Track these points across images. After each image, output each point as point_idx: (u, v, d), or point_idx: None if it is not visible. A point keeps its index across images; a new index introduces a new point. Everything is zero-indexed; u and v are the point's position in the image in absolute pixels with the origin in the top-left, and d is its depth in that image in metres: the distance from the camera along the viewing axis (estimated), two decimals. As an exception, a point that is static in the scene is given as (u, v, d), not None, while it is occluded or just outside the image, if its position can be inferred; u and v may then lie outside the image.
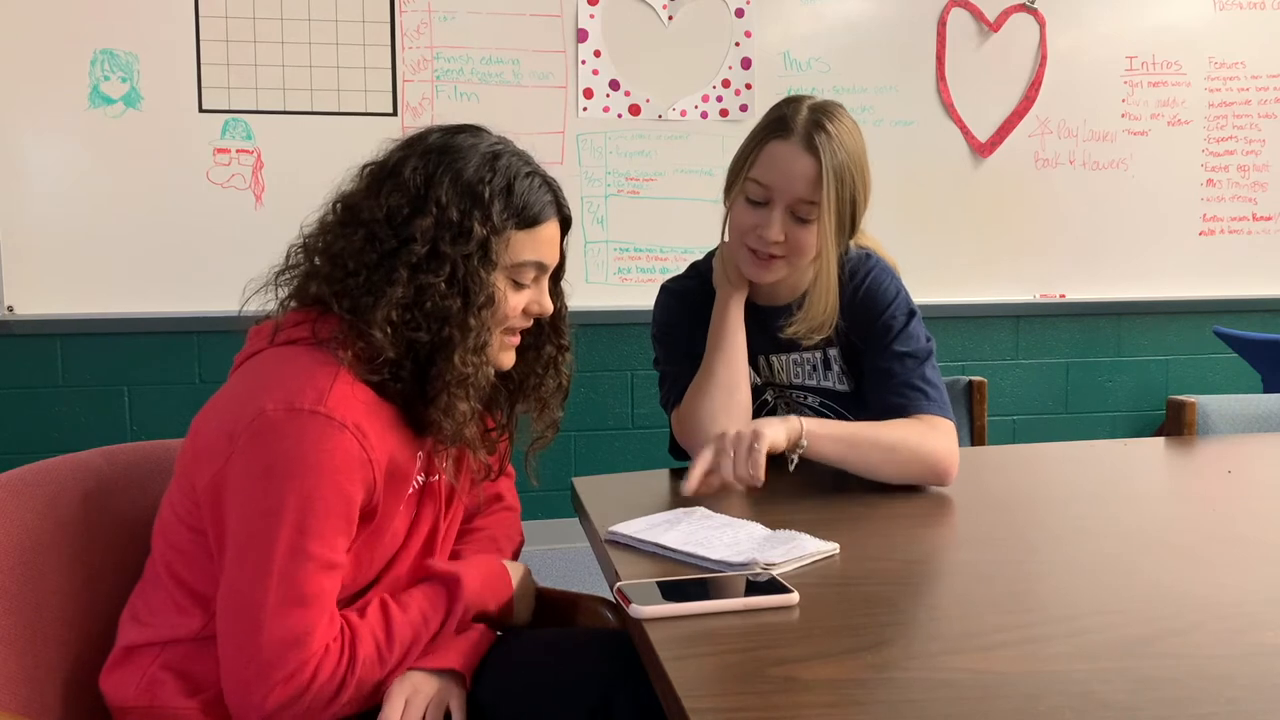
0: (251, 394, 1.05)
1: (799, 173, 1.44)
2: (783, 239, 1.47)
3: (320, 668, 1.02)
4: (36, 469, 1.17)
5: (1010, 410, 3.82)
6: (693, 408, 1.53)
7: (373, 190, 1.12)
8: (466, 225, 1.10)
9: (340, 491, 1.03)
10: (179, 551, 1.10)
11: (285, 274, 1.16)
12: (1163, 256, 3.84)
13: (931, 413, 1.49)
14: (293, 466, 1.01)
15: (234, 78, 3.17)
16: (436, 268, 1.08)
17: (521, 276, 1.16)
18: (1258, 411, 1.98)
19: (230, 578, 1.03)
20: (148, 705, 1.08)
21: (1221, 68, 3.79)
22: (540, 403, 1.29)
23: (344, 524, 1.05)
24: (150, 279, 3.15)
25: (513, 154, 1.16)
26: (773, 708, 0.80)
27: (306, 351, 1.08)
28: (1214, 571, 1.13)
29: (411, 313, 1.08)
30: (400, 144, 1.16)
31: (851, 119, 1.51)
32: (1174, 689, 0.83)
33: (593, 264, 3.44)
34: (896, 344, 1.53)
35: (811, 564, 1.13)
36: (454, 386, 1.10)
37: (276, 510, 1.00)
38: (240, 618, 1.01)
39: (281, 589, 1.00)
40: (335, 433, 1.02)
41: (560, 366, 1.30)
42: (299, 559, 1.01)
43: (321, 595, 1.03)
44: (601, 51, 3.39)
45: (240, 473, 1.02)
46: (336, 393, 1.04)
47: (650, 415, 3.57)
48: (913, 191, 3.59)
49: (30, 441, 3.16)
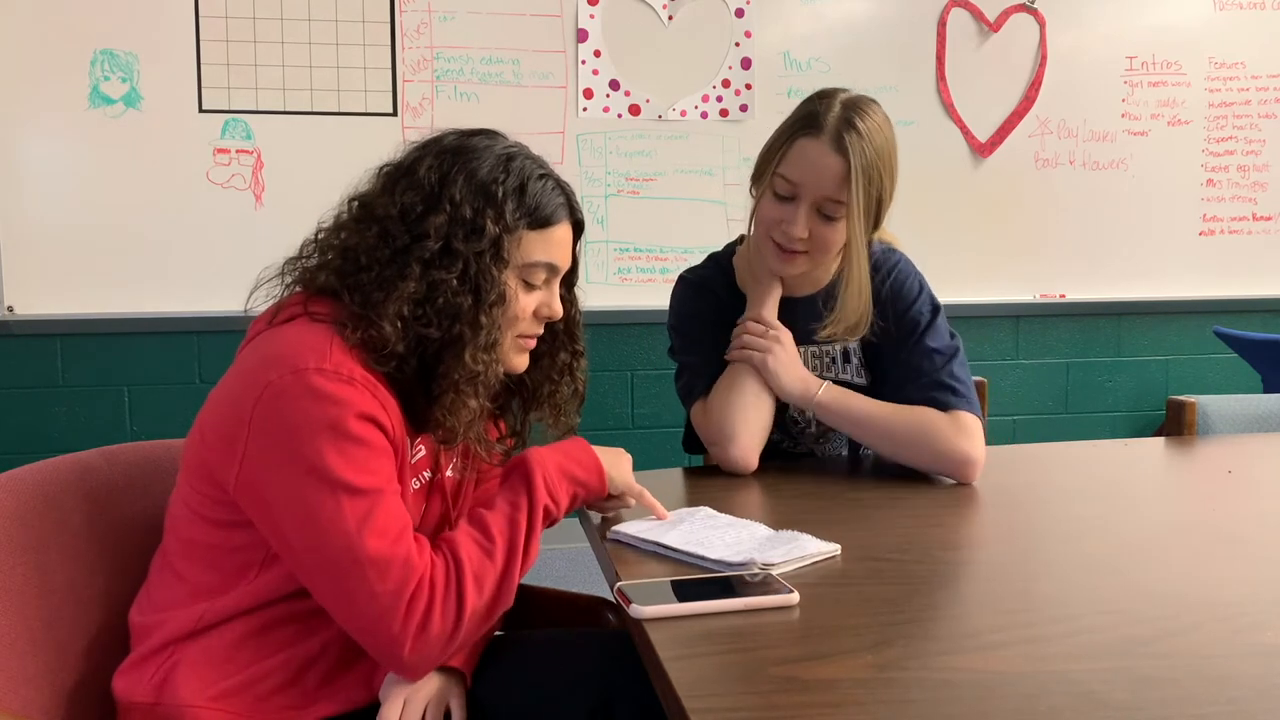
0: (253, 373, 1.05)
1: (827, 171, 1.44)
2: (807, 235, 1.47)
3: (434, 582, 1.02)
4: (36, 469, 1.17)
5: (1010, 410, 3.82)
6: (721, 403, 1.53)
7: (387, 189, 1.13)
8: (479, 223, 1.10)
9: (368, 428, 1.03)
10: (190, 544, 1.11)
11: (295, 264, 1.17)
12: (1163, 256, 3.84)
13: (960, 409, 1.49)
14: (314, 422, 1.01)
15: (234, 78, 3.17)
16: (449, 264, 1.09)
17: (533, 277, 1.17)
18: (1258, 411, 1.98)
19: (307, 548, 1.02)
20: (154, 703, 1.08)
21: (1221, 68, 3.79)
22: (555, 409, 1.29)
23: (385, 454, 1.05)
24: (150, 279, 3.15)
25: (527, 157, 1.17)
26: (773, 708, 0.80)
27: (300, 325, 1.09)
28: (1214, 571, 1.13)
29: (423, 308, 1.08)
30: (416, 145, 1.17)
31: (883, 115, 1.51)
32: (1174, 689, 0.83)
33: (593, 264, 3.44)
34: (924, 340, 1.54)
35: (811, 564, 1.13)
36: (463, 384, 1.10)
37: (317, 466, 1.00)
38: (339, 574, 1.01)
39: (361, 527, 1.00)
40: (344, 384, 1.02)
41: (576, 373, 1.30)
42: (362, 496, 1.01)
43: (400, 520, 1.03)
44: (601, 51, 3.39)
45: (264, 448, 1.02)
46: (336, 354, 1.04)
47: (650, 415, 3.57)
48: (913, 191, 3.55)
49: (30, 441, 3.16)
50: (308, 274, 1.15)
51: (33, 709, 1.05)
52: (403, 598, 1.00)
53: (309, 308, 1.10)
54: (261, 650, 1.08)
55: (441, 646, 1.03)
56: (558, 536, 3.22)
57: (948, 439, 1.47)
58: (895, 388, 1.55)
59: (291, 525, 1.02)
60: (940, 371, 1.52)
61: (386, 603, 1.00)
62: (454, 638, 1.04)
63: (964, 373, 1.54)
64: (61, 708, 1.10)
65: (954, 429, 1.48)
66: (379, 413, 1.05)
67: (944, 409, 1.49)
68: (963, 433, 1.48)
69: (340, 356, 1.04)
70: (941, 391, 1.51)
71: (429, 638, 1.02)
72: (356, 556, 1.00)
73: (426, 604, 1.01)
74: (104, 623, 1.16)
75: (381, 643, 1.02)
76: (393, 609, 1.00)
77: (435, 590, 1.02)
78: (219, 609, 1.08)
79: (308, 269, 1.15)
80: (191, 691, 1.07)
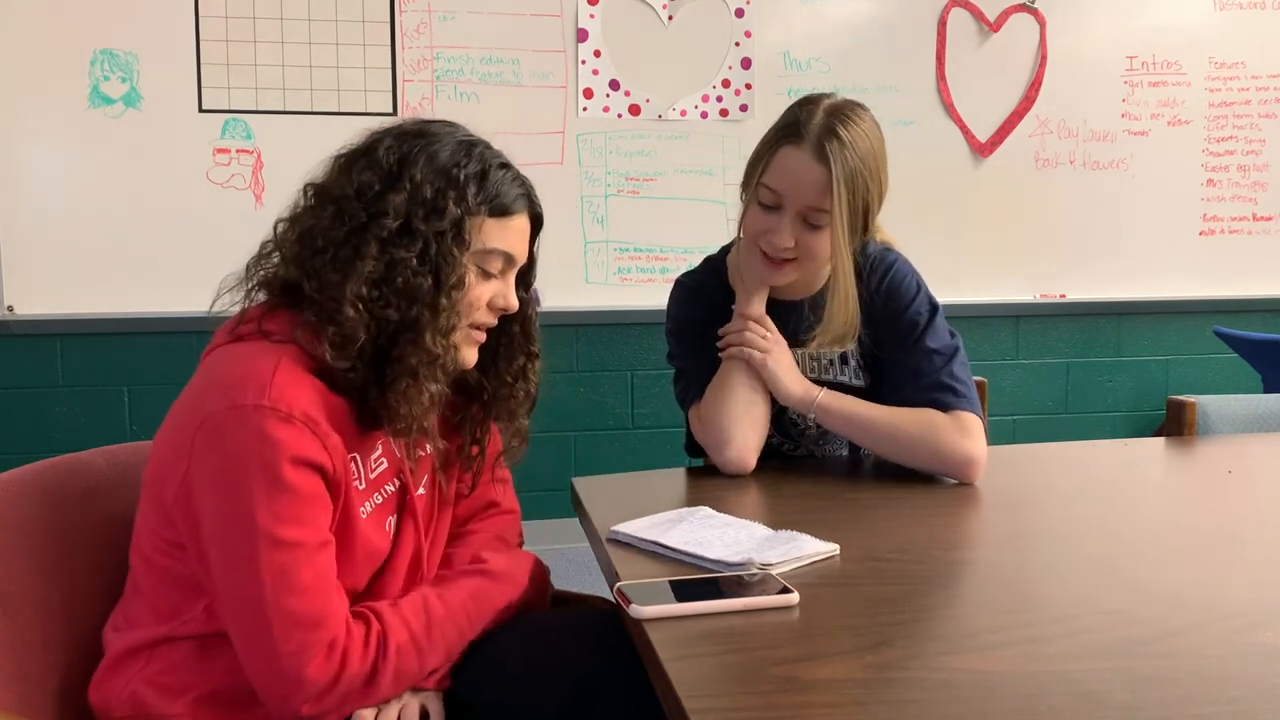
0: (197, 398, 1.03)
1: (809, 181, 1.43)
2: (793, 244, 1.47)
3: (349, 650, 1.01)
4: (36, 469, 1.17)
5: (1010, 410, 3.82)
6: (714, 406, 1.53)
7: (344, 170, 1.12)
8: (440, 204, 1.08)
9: (302, 473, 1.01)
10: (151, 564, 1.09)
11: (257, 266, 1.14)
12: (1163, 256, 3.84)
13: (961, 409, 1.49)
14: (248, 463, 0.99)
15: (234, 78, 3.17)
16: (408, 243, 1.07)
17: (489, 265, 1.14)
18: (1258, 411, 1.98)
19: (224, 583, 1.01)
20: (132, 715, 1.07)
21: (1222, 68, 3.79)
22: (510, 413, 1.27)
23: (318, 502, 1.03)
24: (150, 279, 3.15)
25: (487, 147, 1.16)
26: (773, 708, 0.80)
27: (250, 346, 1.07)
28: (1214, 571, 1.13)
29: (380, 289, 1.06)
30: (373, 131, 1.15)
31: (870, 119, 1.49)
32: (1174, 689, 0.83)
33: (593, 264, 3.43)
34: (924, 340, 1.54)
35: (811, 564, 1.13)
36: (423, 367, 1.07)
37: (246, 508, 0.99)
38: (247, 620, 1.01)
39: (276, 582, 0.99)
40: (282, 423, 1.00)
41: (530, 375, 1.27)
42: (283, 548, 0.99)
43: (320, 576, 1.02)
44: (601, 51, 3.39)
45: (201, 479, 1.01)
46: (279, 384, 1.01)
47: (650, 415, 3.57)
48: (913, 191, 3.58)
49: (30, 441, 3.16)
50: (270, 275, 1.12)
51: (30, 708, 1.05)
52: (305, 661, 0.99)
53: (263, 325, 1.08)
54: (233, 659, 1.05)
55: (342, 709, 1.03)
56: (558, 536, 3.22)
57: (950, 440, 1.47)
58: (895, 389, 1.55)
59: (214, 557, 1.01)
60: (940, 372, 1.52)
61: (285, 664, 0.99)
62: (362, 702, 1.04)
63: (964, 372, 1.54)
64: (59, 709, 1.10)
65: (956, 429, 1.48)
66: (316, 453, 1.02)
67: (945, 409, 1.49)
68: (965, 433, 1.47)
69: (283, 383, 1.01)
70: (942, 392, 1.51)
71: (327, 701, 1.01)
72: (264, 610, 0.99)
73: (335, 669, 1.00)
74: (100, 627, 1.15)
75: (272, 697, 1.01)
76: (288, 671, 0.99)
77: (349, 660, 1.01)
78: (181, 626, 1.07)
79: (268, 269, 1.12)
80: (164, 702, 1.06)
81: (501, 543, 1.30)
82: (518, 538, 1.35)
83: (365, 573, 1.13)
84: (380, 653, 1.04)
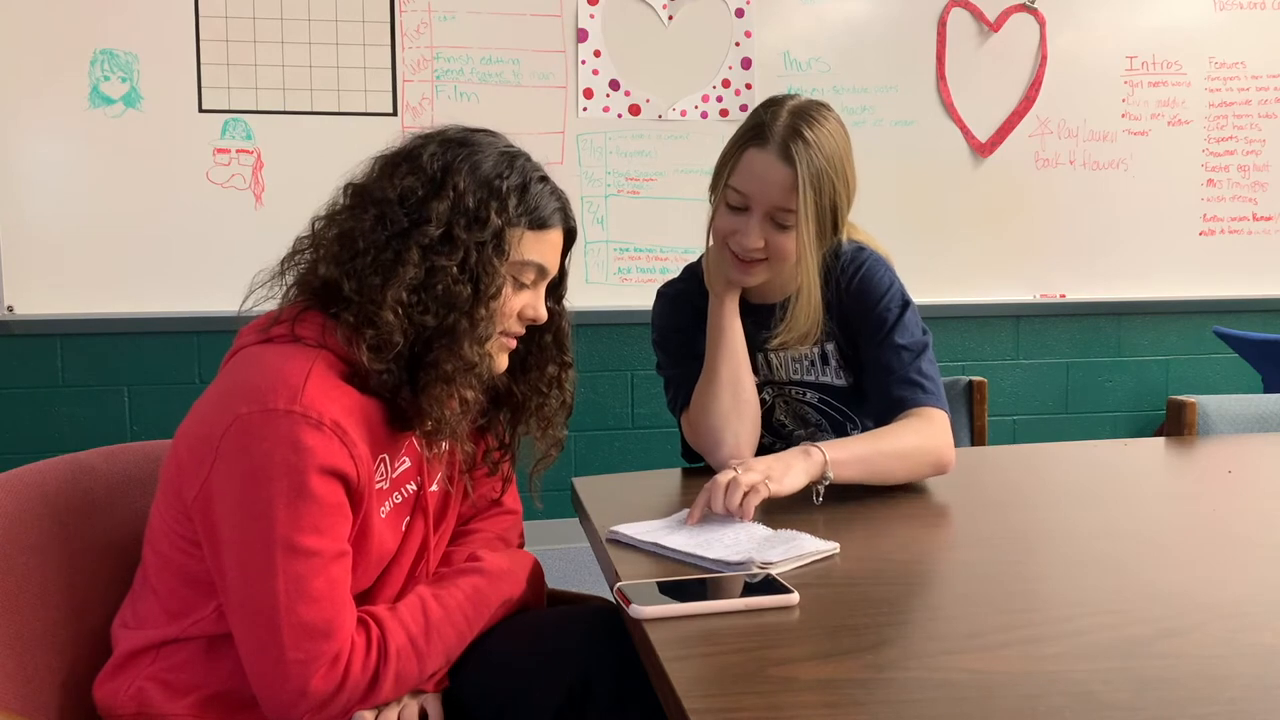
0: (228, 398, 1.03)
1: (775, 182, 1.44)
2: (762, 244, 1.47)
3: (351, 660, 1.02)
4: (36, 469, 1.17)
5: (1010, 410, 3.82)
6: (701, 409, 1.54)
7: (385, 173, 1.12)
8: (483, 214, 1.09)
9: (327, 483, 1.01)
10: (166, 561, 1.09)
11: (291, 262, 1.14)
12: (1163, 256, 3.84)
13: (927, 404, 1.49)
14: (274, 468, 0.99)
15: (234, 78, 3.17)
16: (450, 251, 1.08)
17: (524, 276, 1.16)
18: (1258, 411, 1.98)
19: (236, 586, 1.02)
20: (136, 712, 1.07)
21: (1222, 68, 3.79)
22: (544, 421, 1.28)
23: (339, 512, 1.04)
24: (150, 279, 3.15)
25: (527, 159, 1.17)
26: (773, 708, 0.80)
27: (281, 349, 1.07)
28: (1214, 571, 1.13)
29: (420, 295, 1.07)
30: (417, 134, 1.16)
31: (835, 119, 1.50)
32: (1174, 689, 0.83)
33: (593, 264, 3.44)
34: (892, 336, 1.54)
35: (810, 564, 1.13)
36: (459, 374, 1.08)
37: (267, 513, 0.99)
38: (256, 625, 1.01)
39: (290, 589, 0.99)
40: (312, 430, 1.00)
41: (564, 384, 1.29)
42: (300, 556, 1.00)
43: (333, 586, 1.02)
44: (601, 51, 3.39)
45: (224, 480, 1.01)
46: (310, 390, 1.01)
47: (650, 415, 3.57)
48: (913, 191, 3.59)
49: (30, 441, 3.16)
50: (307, 272, 1.12)
51: (29, 708, 1.05)
52: (311, 671, 1.00)
53: (296, 329, 1.08)
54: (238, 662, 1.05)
55: (343, 717, 1.03)
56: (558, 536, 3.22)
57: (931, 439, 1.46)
58: (869, 386, 1.56)
59: (229, 559, 1.02)
60: (908, 368, 1.52)
61: (291, 672, 0.99)
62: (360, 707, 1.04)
63: (932, 369, 1.54)
64: (58, 709, 1.10)
65: (929, 427, 1.47)
66: (343, 463, 1.02)
67: (913, 405, 1.49)
68: (938, 429, 1.47)
69: (316, 390, 1.02)
70: (909, 388, 1.51)
71: (329, 711, 1.02)
72: (276, 616, 0.99)
73: (338, 679, 1.01)
74: (102, 623, 1.16)
75: (273, 705, 1.02)
76: (294, 680, 1.00)
77: (350, 670, 1.02)
78: (192, 626, 1.07)
79: (305, 267, 1.13)
80: (169, 701, 1.06)
81: (502, 543, 1.30)
82: (519, 538, 1.35)
83: (375, 572, 1.13)
84: (381, 659, 1.04)
